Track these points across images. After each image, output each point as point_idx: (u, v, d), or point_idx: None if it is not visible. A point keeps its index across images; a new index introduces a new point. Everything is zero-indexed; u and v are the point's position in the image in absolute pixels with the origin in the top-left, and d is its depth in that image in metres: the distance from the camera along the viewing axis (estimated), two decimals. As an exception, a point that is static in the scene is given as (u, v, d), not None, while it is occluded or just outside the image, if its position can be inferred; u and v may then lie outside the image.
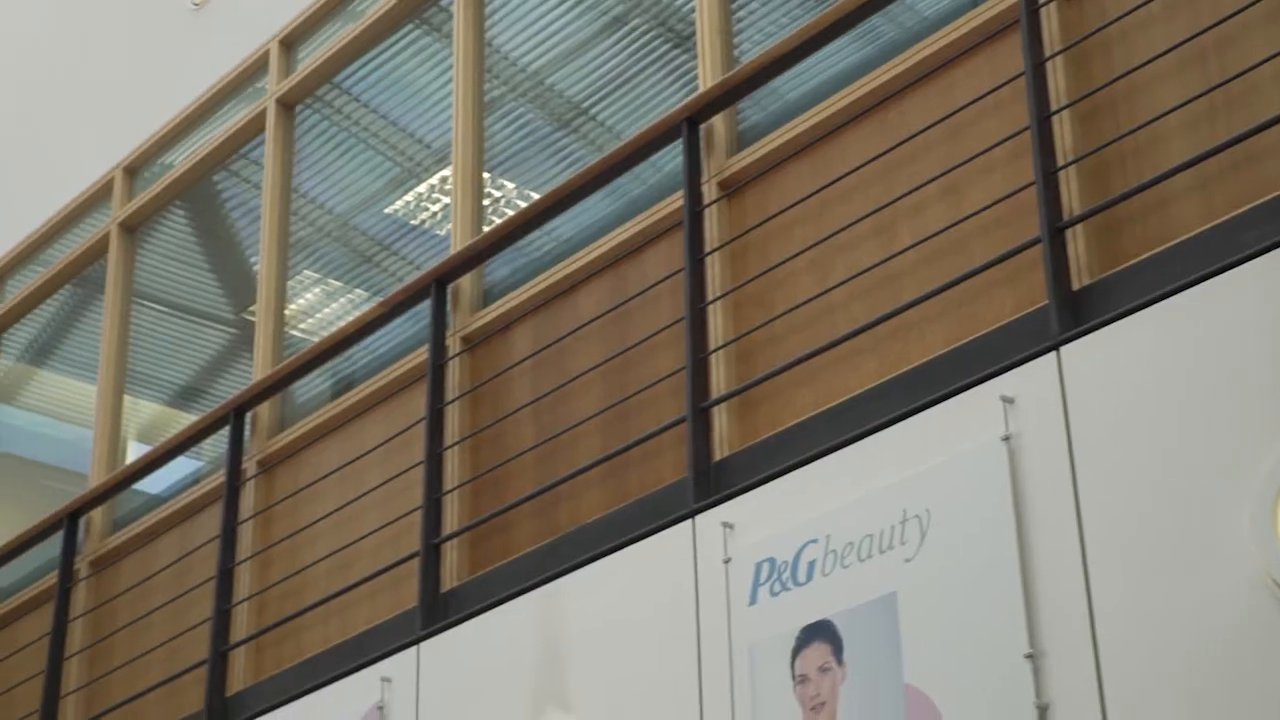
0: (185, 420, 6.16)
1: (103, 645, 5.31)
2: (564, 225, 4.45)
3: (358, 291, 5.76)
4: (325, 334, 5.29)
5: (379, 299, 5.27)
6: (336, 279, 5.75)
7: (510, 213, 4.88)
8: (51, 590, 5.49)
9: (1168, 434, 2.73)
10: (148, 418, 6.25)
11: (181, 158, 6.06)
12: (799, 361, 3.54)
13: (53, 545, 5.62)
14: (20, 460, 7.02)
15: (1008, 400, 2.95)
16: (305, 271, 5.60)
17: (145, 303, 6.16)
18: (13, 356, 6.76)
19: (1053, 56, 3.23)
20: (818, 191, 3.64)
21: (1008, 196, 3.24)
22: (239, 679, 4.70)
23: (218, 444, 5.27)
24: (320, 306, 5.71)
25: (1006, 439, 2.93)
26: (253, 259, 6.02)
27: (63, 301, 6.59)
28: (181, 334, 6.42)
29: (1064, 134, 3.21)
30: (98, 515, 5.60)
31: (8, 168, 7.10)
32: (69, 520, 5.47)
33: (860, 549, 3.12)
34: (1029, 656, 2.77)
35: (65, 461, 7.21)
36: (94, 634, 5.37)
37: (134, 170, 6.18)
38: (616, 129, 4.72)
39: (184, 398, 6.34)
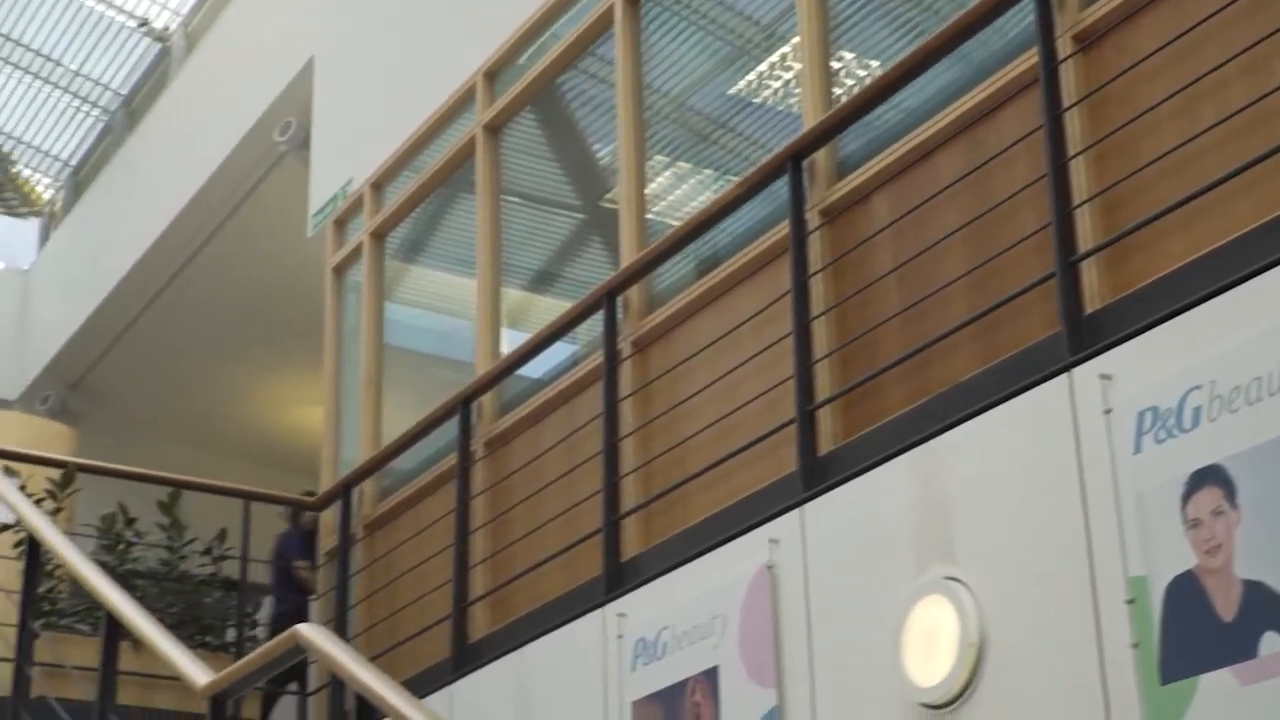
0: (547, 305, 6.52)
1: (502, 519, 5.74)
2: (906, 94, 4.49)
3: (706, 172, 5.95)
4: (678, 216, 5.49)
5: (728, 178, 5.44)
6: (685, 162, 5.95)
7: (851, 83, 4.95)
8: (451, 471, 5.95)
9: None
10: (514, 305, 6.63)
11: (528, 57, 6.34)
12: (1171, 209, 3.52)
13: (448, 430, 6.09)
14: (403, 352, 7.53)
15: (1401, 235, 2.90)
16: (656, 156, 5.81)
17: (505, 197, 6.51)
18: (389, 256, 7.26)
19: None
20: (1183, 35, 3.59)
21: (1391, 24, 3.14)
22: (632, 544, 5.01)
23: (591, 328, 5.58)
24: (671, 189, 5.92)
25: (1402, 274, 2.89)
26: (598, 149, 6.28)
27: (428, 201, 7.02)
28: (538, 224, 6.76)
29: None
30: (488, 400, 6.02)
31: (379, 83, 7.57)
32: (463, 406, 5.90)
33: (1248, 392, 3.12)
34: None
35: (442, 350, 7.73)
36: (493, 509, 5.80)
37: (493, 75, 6.51)
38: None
39: (543, 283, 6.70)
